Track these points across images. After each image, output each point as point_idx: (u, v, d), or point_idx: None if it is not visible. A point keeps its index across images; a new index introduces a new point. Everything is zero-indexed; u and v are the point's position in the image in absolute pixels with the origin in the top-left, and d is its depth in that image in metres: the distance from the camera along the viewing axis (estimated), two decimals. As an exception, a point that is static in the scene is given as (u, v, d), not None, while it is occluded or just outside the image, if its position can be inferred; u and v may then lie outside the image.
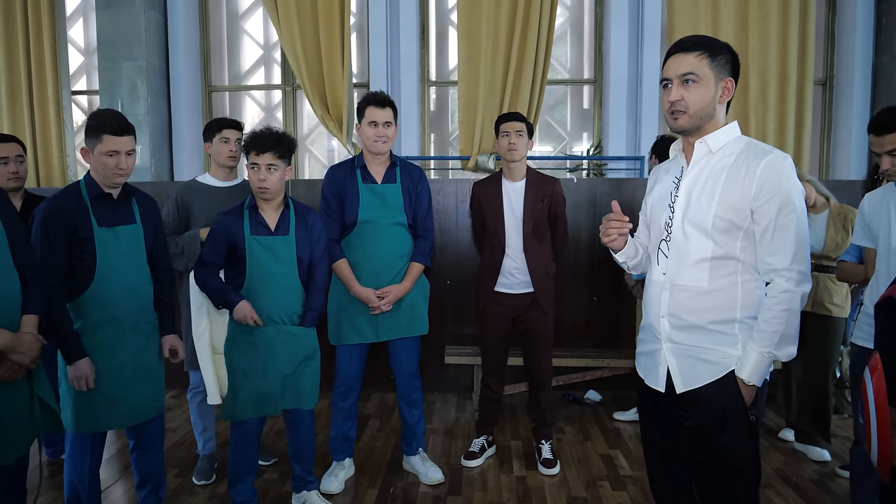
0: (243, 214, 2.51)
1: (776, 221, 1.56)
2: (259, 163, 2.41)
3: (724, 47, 1.63)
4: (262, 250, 2.48)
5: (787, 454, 3.31)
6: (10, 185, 2.87)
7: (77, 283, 2.20)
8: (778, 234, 1.57)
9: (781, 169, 1.56)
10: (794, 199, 1.56)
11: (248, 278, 2.48)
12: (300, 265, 2.55)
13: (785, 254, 1.56)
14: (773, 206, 1.56)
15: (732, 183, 1.59)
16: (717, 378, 1.63)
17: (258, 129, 2.47)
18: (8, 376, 1.87)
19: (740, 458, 1.63)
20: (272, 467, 3.19)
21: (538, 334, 3.11)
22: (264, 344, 2.48)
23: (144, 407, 2.37)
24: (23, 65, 5.06)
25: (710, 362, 1.64)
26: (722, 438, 1.63)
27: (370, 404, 4.13)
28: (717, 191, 1.61)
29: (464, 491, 2.93)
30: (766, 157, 1.57)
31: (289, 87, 5.25)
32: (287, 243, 2.52)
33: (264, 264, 2.48)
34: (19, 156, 2.90)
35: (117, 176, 2.23)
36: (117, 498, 2.88)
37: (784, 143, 4.72)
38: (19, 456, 1.99)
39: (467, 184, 4.33)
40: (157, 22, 4.96)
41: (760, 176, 1.56)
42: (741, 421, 1.62)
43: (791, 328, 1.58)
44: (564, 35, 5.22)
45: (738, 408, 1.62)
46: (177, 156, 5.16)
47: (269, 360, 2.49)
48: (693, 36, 1.65)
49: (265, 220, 2.51)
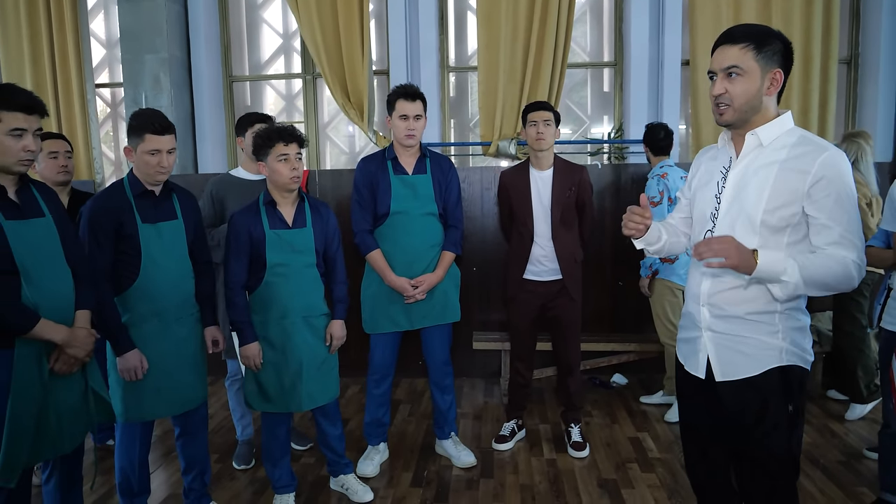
0: (260, 211, 2.52)
1: (832, 216, 1.54)
2: (289, 153, 2.44)
3: (774, 37, 1.59)
4: (282, 244, 2.51)
5: (814, 436, 3.34)
6: (60, 178, 2.96)
7: (123, 278, 2.28)
8: (835, 228, 1.54)
9: (840, 166, 1.54)
10: (852, 195, 1.55)
11: (267, 273, 2.49)
12: (318, 257, 2.59)
13: (854, 245, 1.54)
14: (829, 201, 1.54)
15: (784, 178, 1.57)
16: (756, 374, 1.65)
17: (270, 126, 2.50)
18: (65, 370, 1.96)
19: (778, 449, 1.65)
20: (308, 452, 3.28)
21: (567, 321, 3.16)
22: (283, 339, 2.52)
23: (189, 396, 2.45)
24: (47, 59, 5.12)
25: (749, 356, 1.65)
26: (760, 429, 1.65)
27: (400, 389, 4.21)
28: (767, 186, 1.58)
29: (496, 473, 3.00)
30: (823, 154, 1.54)
31: (309, 75, 5.26)
32: (305, 236, 2.55)
33: (284, 258, 2.51)
34: (67, 151, 3.01)
35: (159, 174, 2.29)
36: (163, 482, 2.99)
37: (808, 123, 4.67)
38: (77, 445, 2.09)
39: (493, 172, 4.35)
40: (177, 13, 4.99)
41: (817, 172, 1.53)
42: (780, 412, 1.64)
43: (828, 279, 1.53)
44: (584, 17, 5.18)
45: (778, 400, 1.64)
46: (200, 146, 5.21)
47: (289, 355, 2.52)
48: (743, 25, 1.62)
49: (282, 215, 2.54)
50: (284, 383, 2.53)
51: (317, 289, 2.60)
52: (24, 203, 1.94)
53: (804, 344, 1.67)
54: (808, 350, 1.68)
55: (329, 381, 2.65)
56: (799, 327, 1.67)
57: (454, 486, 2.90)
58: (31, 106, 1.89)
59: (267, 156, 2.46)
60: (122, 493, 2.43)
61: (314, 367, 2.57)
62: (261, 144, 2.47)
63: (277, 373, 2.53)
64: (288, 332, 2.53)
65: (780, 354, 1.64)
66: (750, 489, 1.73)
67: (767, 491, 1.69)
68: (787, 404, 1.64)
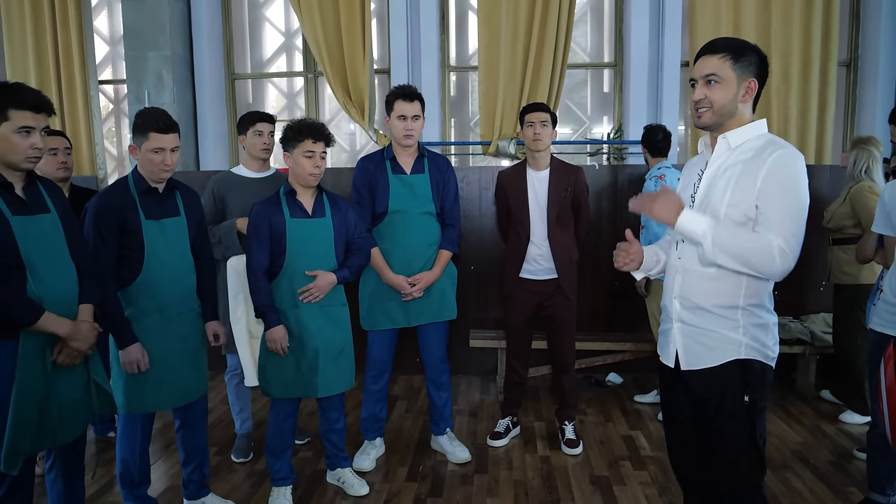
0: (281, 201, 2.60)
1: (769, 204, 1.63)
2: (315, 150, 2.52)
3: (751, 49, 1.72)
4: (302, 233, 2.58)
5: (805, 436, 3.39)
6: (59, 174, 3.00)
7: (127, 273, 2.32)
8: (770, 216, 1.63)
9: (789, 163, 1.63)
10: (798, 190, 1.63)
11: (286, 261, 2.56)
12: (336, 247, 2.65)
13: (782, 232, 1.62)
14: (771, 191, 1.63)
15: (746, 176, 1.67)
16: (715, 364, 1.75)
17: (303, 120, 2.57)
18: (68, 362, 2.01)
19: (737, 439, 1.74)
20: (306, 446, 3.33)
21: (562, 319, 3.20)
22: (298, 327, 2.59)
23: (189, 389, 2.50)
24: (51, 56, 5.16)
25: (710, 348, 1.76)
26: (719, 419, 1.76)
27: (397, 386, 4.26)
28: (731, 183, 1.69)
29: (490, 469, 3.05)
30: (777, 151, 1.64)
31: (310, 73, 5.31)
32: (324, 225, 2.63)
33: (304, 247, 2.58)
34: (67, 148, 3.05)
35: (163, 171, 2.33)
36: (163, 473, 3.04)
37: (806, 125, 4.71)
38: (79, 435, 2.14)
39: (490, 171, 4.39)
40: (180, 11, 5.03)
41: (768, 167, 1.63)
42: (737, 403, 1.74)
43: (746, 253, 1.61)
44: (584, 18, 5.21)
45: (736, 391, 1.73)
46: (202, 143, 5.25)
47: (305, 343, 2.59)
48: (723, 38, 1.75)
49: (302, 204, 2.61)
50: (302, 369, 2.59)
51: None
52: (31, 199, 1.98)
53: (765, 340, 1.76)
54: (769, 346, 1.77)
55: (345, 371, 2.70)
56: (760, 324, 1.76)
57: (449, 480, 2.94)
58: (39, 105, 1.93)
59: (294, 148, 2.54)
60: (122, 484, 2.48)
61: (331, 357, 2.62)
62: (290, 137, 2.55)
63: (295, 359, 2.59)
64: (303, 320, 2.58)
65: (740, 348, 1.74)
66: (716, 477, 1.80)
67: (728, 481, 1.77)
68: (745, 395, 1.73)
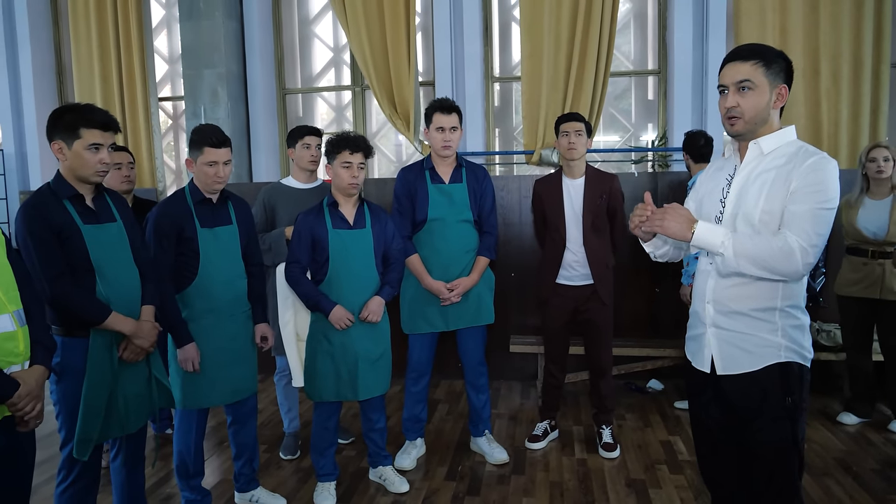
0: (324, 211, 2.75)
1: (804, 208, 1.64)
2: (353, 161, 2.67)
3: (778, 55, 1.73)
4: (343, 243, 2.71)
5: (849, 444, 3.31)
6: (123, 187, 3.23)
7: (183, 277, 2.51)
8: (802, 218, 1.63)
9: (821, 168, 1.65)
10: (828, 193, 1.65)
11: (330, 270, 2.70)
12: (376, 258, 2.78)
13: (806, 231, 1.63)
14: (799, 195, 1.65)
15: (780, 181, 1.69)
16: (755, 369, 1.75)
17: (344, 133, 2.72)
18: (132, 358, 2.21)
19: (780, 440, 1.74)
20: (350, 446, 3.46)
21: (598, 324, 3.24)
22: (341, 335, 2.71)
23: (240, 387, 2.66)
24: (115, 76, 5.51)
25: (749, 352, 1.76)
26: (760, 421, 1.75)
27: (439, 390, 4.36)
28: (765, 188, 1.71)
29: (527, 471, 3.11)
30: (810, 158, 1.66)
31: (358, 87, 5.50)
32: (364, 236, 2.76)
33: (345, 257, 2.71)
34: (130, 163, 3.29)
35: (216, 183, 2.51)
36: (216, 468, 3.23)
37: (858, 128, 4.59)
38: (142, 425, 2.34)
39: (530, 180, 4.46)
40: (234, 30, 5.31)
41: (800, 173, 1.65)
42: (779, 406, 1.73)
43: (766, 256, 1.62)
44: (628, 25, 5.23)
45: (777, 394, 1.73)
46: (255, 156, 5.51)
47: (346, 349, 2.71)
48: (749, 45, 1.76)
49: (343, 215, 2.75)
50: (342, 374, 2.73)
51: (375, 288, 2.78)
52: (99, 209, 2.19)
53: (802, 341, 1.76)
54: (807, 347, 1.77)
55: (383, 375, 2.83)
56: (797, 325, 1.76)
57: (486, 480, 3.02)
58: (107, 123, 2.13)
59: (334, 160, 2.69)
60: (179, 475, 2.66)
61: (369, 362, 2.75)
62: (330, 149, 2.71)
63: (335, 365, 2.72)
64: (346, 328, 2.70)
65: (779, 351, 1.74)
66: (753, 483, 1.80)
67: (767, 482, 1.76)
68: (786, 398, 1.73)
